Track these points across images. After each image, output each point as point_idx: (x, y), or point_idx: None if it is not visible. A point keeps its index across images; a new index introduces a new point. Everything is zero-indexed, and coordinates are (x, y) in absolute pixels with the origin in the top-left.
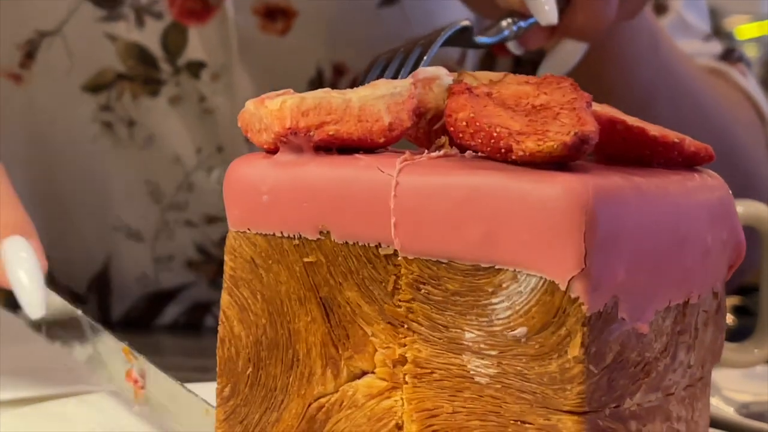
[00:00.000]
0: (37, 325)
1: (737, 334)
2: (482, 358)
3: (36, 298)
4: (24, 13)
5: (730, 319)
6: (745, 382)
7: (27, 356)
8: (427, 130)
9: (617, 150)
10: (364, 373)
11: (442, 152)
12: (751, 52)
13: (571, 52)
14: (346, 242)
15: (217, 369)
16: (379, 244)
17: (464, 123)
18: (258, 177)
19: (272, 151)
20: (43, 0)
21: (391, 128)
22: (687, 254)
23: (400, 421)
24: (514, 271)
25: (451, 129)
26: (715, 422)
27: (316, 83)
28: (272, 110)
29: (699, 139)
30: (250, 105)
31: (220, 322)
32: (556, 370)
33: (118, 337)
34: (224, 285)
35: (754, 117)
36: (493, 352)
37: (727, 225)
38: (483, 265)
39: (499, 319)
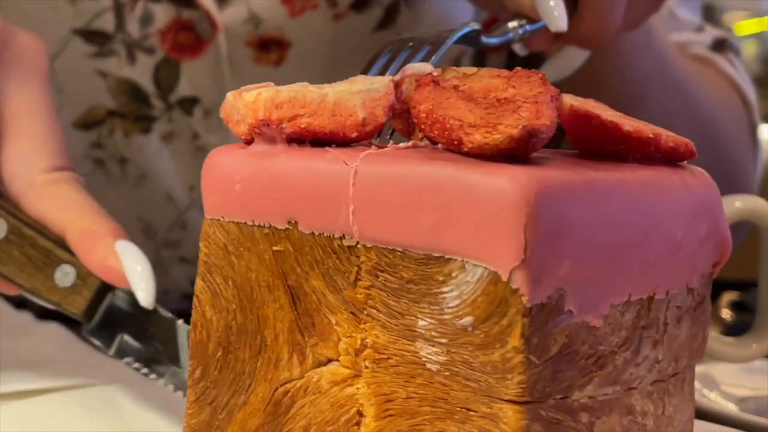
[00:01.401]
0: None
1: (735, 330)
2: (433, 346)
3: (151, 289)
4: None
5: (728, 314)
6: (744, 376)
7: (27, 349)
8: (415, 124)
9: (593, 144)
10: (329, 361)
11: (410, 143)
12: (749, 49)
13: (573, 57)
14: (313, 233)
15: (189, 352)
16: (343, 235)
17: (424, 115)
18: (232, 166)
19: (249, 141)
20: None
21: (364, 123)
22: (650, 249)
23: (361, 408)
24: (462, 261)
25: (416, 120)
26: (713, 417)
27: None
28: (248, 102)
29: (687, 131)
30: (230, 96)
31: (193, 307)
32: (498, 359)
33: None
34: (198, 271)
35: (739, 105)
36: (443, 340)
37: (707, 222)
38: (434, 255)
39: (449, 307)
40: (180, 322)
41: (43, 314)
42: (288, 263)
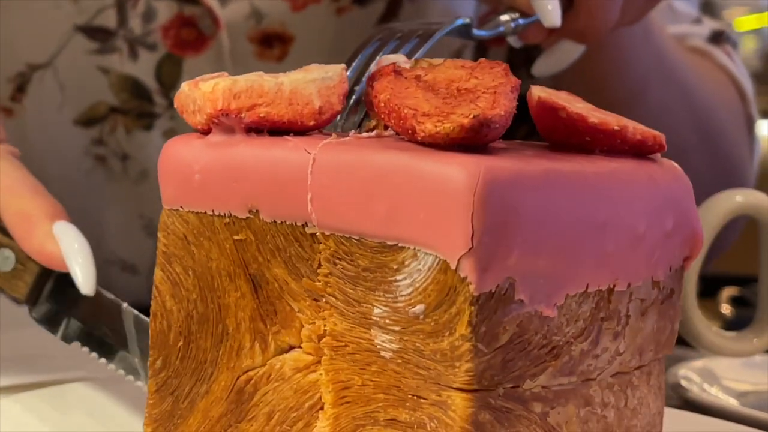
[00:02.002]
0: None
1: (736, 325)
2: (387, 334)
3: (90, 274)
4: (14, 46)
5: (728, 309)
6: (744, 371)
7: (25, 343)
8: None
9: (560, 136)
10: (291, 348)
11: (374, 133)
12: (749, 44)
13: (568, 51)
14: (275, 221)
15: (149, 342)
16: (306, 223)
17: (383, 104)
18: (191, 157)
19: (206, 131)
20: (34, 32)
21: (321, 111)
22: (609, 241)
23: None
24: (414, 249)
25: (376, 110)
26: (714, 411)
27: None
28: (205, 92)
29: (685, 125)
30: (185, 86)
31: (153, 297)
32: (447, 347)
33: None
34: (157, 261)
35: (735, 97)
36: (397, 328)
37: (674, 216)
38: (388, 243)
39: (402, 295)
40: (125, 305)
41: None
42: (249, 252)
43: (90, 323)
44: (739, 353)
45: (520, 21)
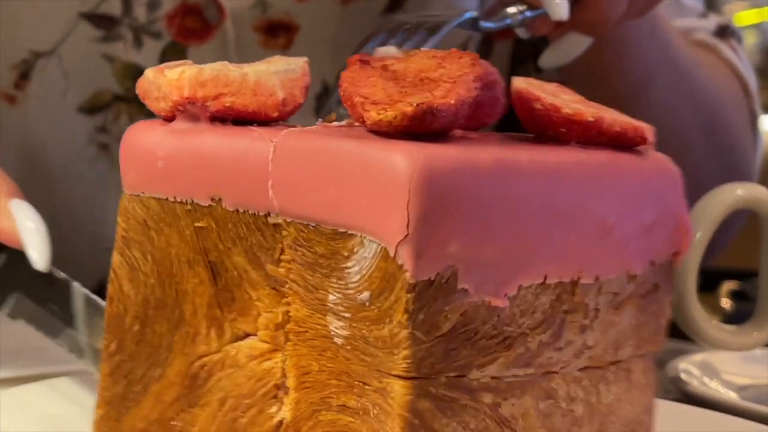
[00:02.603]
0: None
1: (735, 319)
2: (340, 320)
3: (45, 250)
4: (18, 33)
5: (727, 303)
6: (744, 365)
7: (19, 336)
8: None
9: (537, 127)
10: (247, 335)
11: (345, 122)
12: (749, 39)
13: (575, 44)
14: (237, 210)
15: (104, 325)
16: (269, 213)
17: (343, 93)
18: (155, 143)
19: (169, 119)
20: (38, 20)
21: (284, 103)
22: (571, 233)
23: (279, 382)
24: (361, 236)
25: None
26: (714, 405)
27: (323, 97)
28: (171, 79)
29: (689, 119)
30: (149, 73)
31: (109, 281)
32: (387, 334)
33: None
34: (115, 245)
35: (739, 91)
36: (347, 315)
37: (655, 209)
38: (340, 230)
39: (352, 282)
40: (76, 284)
41: None
42: (210, 239)
43: (38, 301)
44: (739, 347)
45: (528, 13)
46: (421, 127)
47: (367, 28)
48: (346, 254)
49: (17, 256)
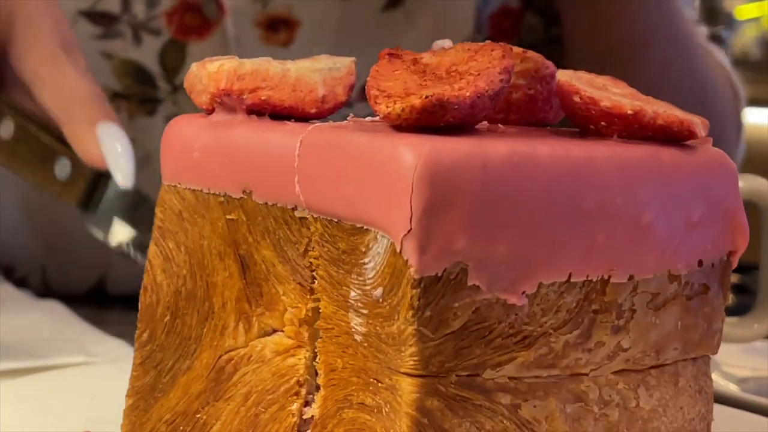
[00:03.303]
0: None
1: (736, 312)
2: (359, 317)
3: (130, 170)
4: None
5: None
6: (745, 357)
7: (26, 327)
8: None
9: (580, 121)
10: (274, 331)
11: (377, 117)
12: (750, 33)
13: None
14: (266, 203)
15: (138, 315)
16: (296, 207)
17: (368, 87)
18: (192, 134)
19: (210, 111)
20: None
21: (324, 100)
22: (598, 229)
23: (301, 379)
24: (375, 232)
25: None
26: (714, 397)
27: None
28: (210, 72)
29: (684, 81)
30: (193, 67)
31: (145, 271)
32: (396, 331)
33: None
34: (153, 236)
35: (730, 92)
36: (365, 311)
37: (702, 206)
38: (357, 226)
39: (368, 278)
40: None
41: (42, 292)
42: (240, 232)
43: (136, 226)
44: (740, 339)
45: None
46: (433, 120)
47: (367, 23)
48: (363, 250)
49: (115, 185)
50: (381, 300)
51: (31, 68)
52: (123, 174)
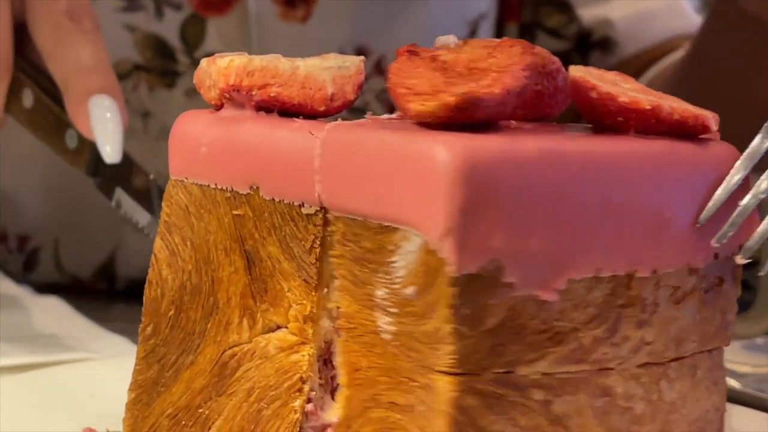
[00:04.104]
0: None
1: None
2: (387, 316)
3: (117, 144)
4: None
5: None
6: (745, 353)
7: (26, 323)
8: None
9: (595, 117)
10: (278, 327)
11: (395, 115)
12: None
13: None
14: (273, 199)
15: (143, 308)
16: (303, 203)
17: (389, 85)
18: (200, 129)
19: (219, 107)
20: None
21: (332, 98)
22: (624, 224)
23: (304, 376)
24: (405, 230)
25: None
26: None
27: None
28: (220, 67)
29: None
30: (203, 62)
31: (150, 265)
32: (431, 329)
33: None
34: (159, 230)
35: None
36: (394, 310)
37: None
38: (385, 224)
39: (398, 277)
40: (152, 176)
41: (42, 288)
42: (247, 228)
43: (131, 192)
44: (740, 335)
45: None
46: (465, 118)
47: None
48: (391, 248)
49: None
50: (414, 299)
51: (39, 39)
52: (110, 148)
